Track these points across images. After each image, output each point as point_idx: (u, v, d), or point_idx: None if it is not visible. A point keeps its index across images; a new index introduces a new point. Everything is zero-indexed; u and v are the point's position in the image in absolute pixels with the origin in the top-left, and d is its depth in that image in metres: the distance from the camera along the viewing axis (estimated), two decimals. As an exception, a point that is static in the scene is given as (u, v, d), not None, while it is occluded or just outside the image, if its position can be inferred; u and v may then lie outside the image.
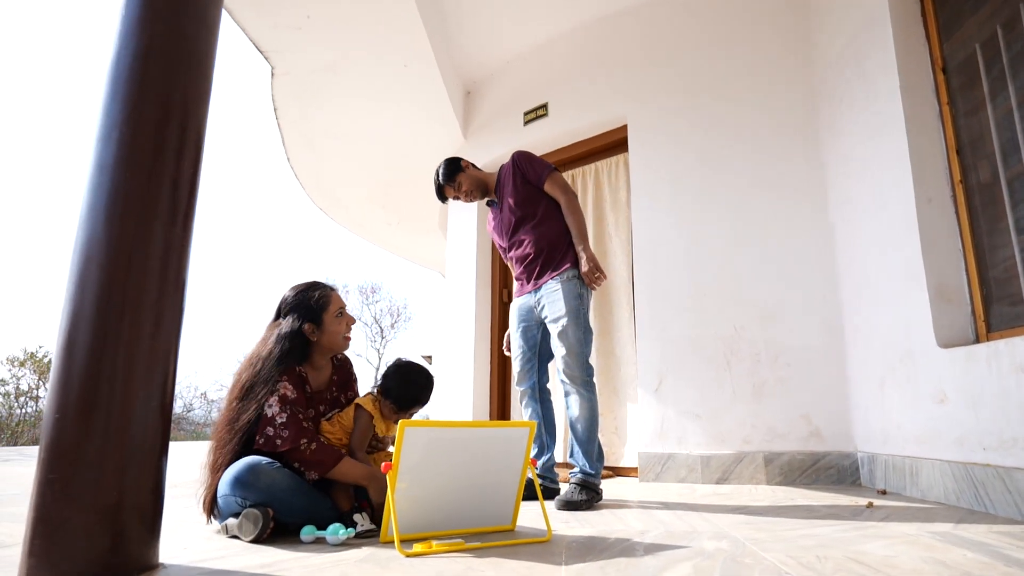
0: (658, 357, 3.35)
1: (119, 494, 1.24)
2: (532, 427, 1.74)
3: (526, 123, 4.29)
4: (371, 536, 1.66)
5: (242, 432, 1.71)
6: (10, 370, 11.51)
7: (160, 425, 1.34)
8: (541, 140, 4.22)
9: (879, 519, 1.89)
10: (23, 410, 11.36)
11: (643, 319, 3.44)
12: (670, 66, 3.66)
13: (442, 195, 2.78)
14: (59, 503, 1.19)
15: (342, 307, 1.99)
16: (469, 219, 4.65)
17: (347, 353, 2.12)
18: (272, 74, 3.99)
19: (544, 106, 4.19)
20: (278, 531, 1.68)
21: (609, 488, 2.94)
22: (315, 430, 1.86)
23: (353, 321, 2.02)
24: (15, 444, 10.66)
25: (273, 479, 1.63)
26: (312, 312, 1.92)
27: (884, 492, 2.54)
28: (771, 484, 2.92)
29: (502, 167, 2.75)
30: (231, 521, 1.65)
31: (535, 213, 2.60)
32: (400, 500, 1.57)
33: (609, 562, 1.35)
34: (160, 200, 1.40)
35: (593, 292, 2.53)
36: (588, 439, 2.37)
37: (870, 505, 2.19)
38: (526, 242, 2.59)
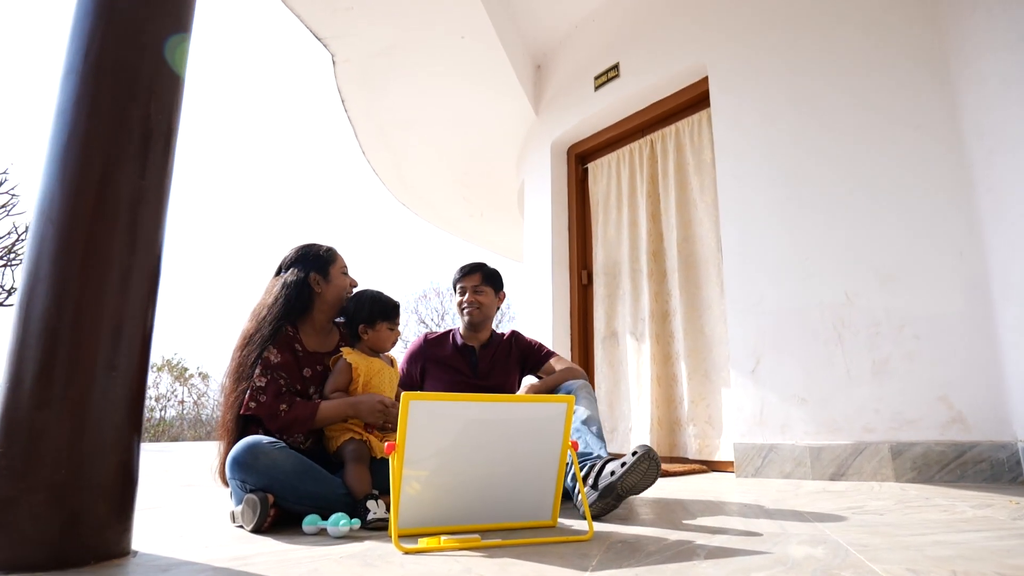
0: (753, 334, 2.89)
1: (72, 472, 1.09)
2: (570, 402, 1.44)
3: (597, 88, 3.95)
4: (382, 528, 1.44)
5: (246, 383, 1.61)
6: (151, 376, 12.65)
7: (127, 397, 1.19)
8: (613, 105, 3.86)
9: (1052, 524, 1.40)
10: (162, 413, 12.48)
11: (734, 291, 3.00)
12: None
13: (470, 271, 2.35)
14: (3, 480, 1.06)
15: (346, 267, 1.87)
16: (544, 201, 4.37)
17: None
18: (333, 62, 3.95)
19: (615, 67, 3.83)
20: (289, 519, 1.50)
21: (699, 484, 2.55)
22: (297, 392, 1.72)
23: (355, 283, 1.86)
24: (157, 440, 11.73)
25: (274, 460, 1.46)
26: (320, 262, 1.82)
27: (1058, 492, 1.97)
28: (900, 481, 2.39)
29: (496, 335, 2.40)
30: (236, 508, 1.49)
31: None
32: (413, 488, 1.33)
33: (651, 569, 1.03)
34: (127, 149, 1.26)
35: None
36: None
37: (1038, 507, 1.67)
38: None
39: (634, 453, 1.52)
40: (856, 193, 2.70)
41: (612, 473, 1.53)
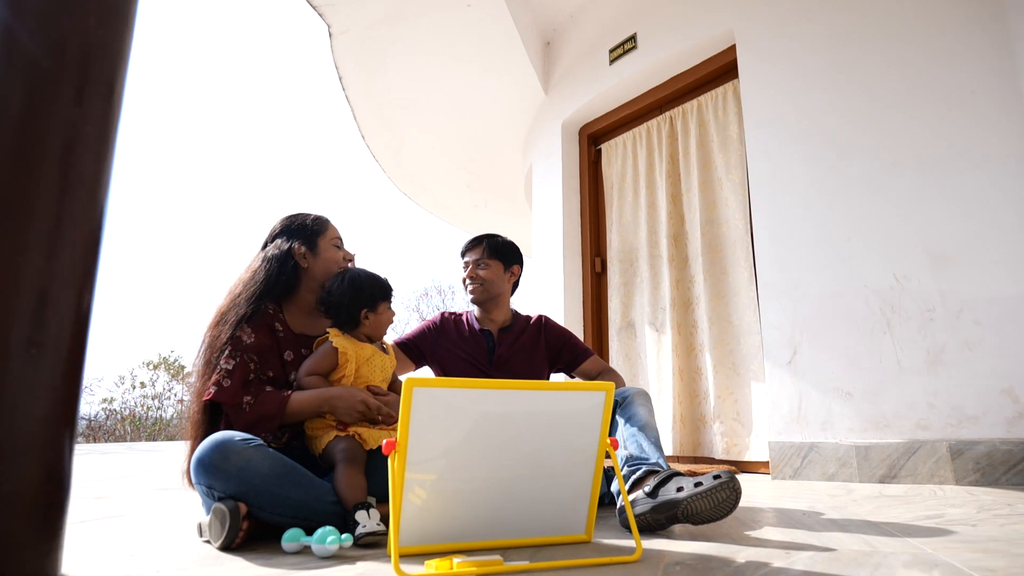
0: (790, 322, 2.63)
1: (-26, 477, 0.84)
2: (610, 389, 1.18)
3: (612, 62, 3.69)
4: (378, 544, 1.19)
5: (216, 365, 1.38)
6: (148, 374, 12.38)
7: (55, 383, 0.94)
8: (630, 80, 3.60)
9: None
10: (159, 412, 12.22)
11: (768, 276, 2.74)
12: (788, -40, 2.92)
13: (474, 244, 2.10)
14: None
15: (339, 240, 1.63)
16: (554, 185, 4.11)
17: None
18: (330, 34, 3.69)
19: (632, 38, 3.56)
20: (267, 533, 1.24)
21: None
22: (270, 380, 1.46)
23: (351, 258, 1.60)
24: (153, 439, 11.49)
25: (248, 460, 1.19)
26: (306, 233, 1.58)
27: None
28: (962, 484, 2.13)
29: (521, 319, 2.14)
30: (203, 519, 1.24)
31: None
32: (418, 496, 1.07)
33: (737, 608, 0.77)
34: (59, 69, 1.00)
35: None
36: None
37: None
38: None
39: (716, 476, 1.24)
40: (904, 166, 2.44)
41: (680, 489, 1.26)
